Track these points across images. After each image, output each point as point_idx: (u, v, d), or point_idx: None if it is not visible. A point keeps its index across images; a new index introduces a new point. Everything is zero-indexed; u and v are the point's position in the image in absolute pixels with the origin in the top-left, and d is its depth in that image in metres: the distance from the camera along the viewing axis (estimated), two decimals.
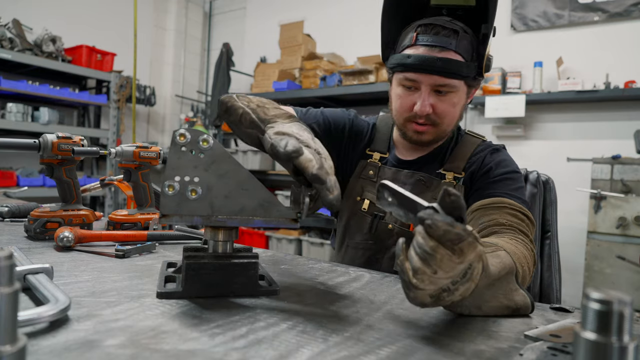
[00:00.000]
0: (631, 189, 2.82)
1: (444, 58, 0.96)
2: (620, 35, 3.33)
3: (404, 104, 1.05)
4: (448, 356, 0.48)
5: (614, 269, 2.78)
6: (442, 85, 1.00)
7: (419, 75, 1.00)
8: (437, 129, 1.06)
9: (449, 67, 0.97)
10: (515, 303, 0.63)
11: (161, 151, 1.24)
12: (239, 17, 5.58)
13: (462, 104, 1.06)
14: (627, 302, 0.30)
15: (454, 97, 1.02)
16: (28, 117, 3.86)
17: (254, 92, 4.66)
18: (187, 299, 0.62)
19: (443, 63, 0.96)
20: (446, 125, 1.06)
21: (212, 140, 0.63)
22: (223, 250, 0.67)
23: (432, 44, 0.97)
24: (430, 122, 1.04)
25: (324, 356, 0.46)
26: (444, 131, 1.08)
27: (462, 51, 0.98)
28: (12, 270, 0.30)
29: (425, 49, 0.98)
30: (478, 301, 0.60)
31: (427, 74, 0.98)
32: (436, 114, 1.03)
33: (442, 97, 1.02)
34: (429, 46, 0.98)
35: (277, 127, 0.70)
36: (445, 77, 0.98)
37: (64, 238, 0.93)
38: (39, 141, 1.05)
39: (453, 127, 1.10)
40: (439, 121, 1.04)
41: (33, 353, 0.42)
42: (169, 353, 0.44)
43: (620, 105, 3.31)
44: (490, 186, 1.03)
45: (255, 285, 0.67)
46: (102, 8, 4.79)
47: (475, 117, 3.91)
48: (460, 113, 1.09)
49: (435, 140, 1.11)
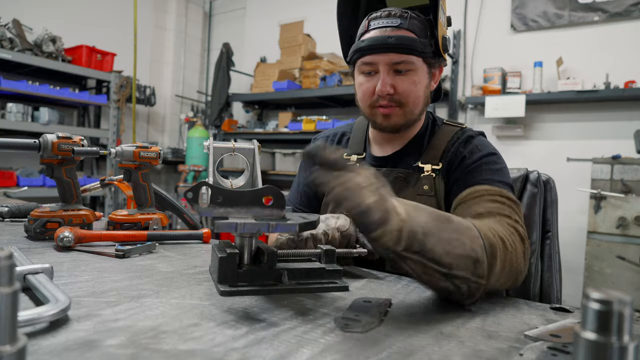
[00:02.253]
0: (631, 189, 2.82)
1: (397, 35, 0.99)
2: (620, 35, 3.33)
3: (366, 90, 1.06)
4: (448, 356, 0.48)
5: (614, 269, 2.78)
6: (399, 63, 1.00)
7: (374, 57, 1.01)
8: (404, 110, 1.04)
9: (402, 42, 0.98)
10: (475, 254, 0.66)
11: (161, 151, 1.24)
12: (239, 17, 5.58)
13: (425, 83, 1.06)
14: (627, 302, 0.30)
15: (414, 75, 1.02)
16: (28, 117, 3.86)
17: (254, 92, 4.67)
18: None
19: (396, 40, 0.98)
20: (412, 106, 1.04)
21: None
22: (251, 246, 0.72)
23: (384, 25, 1.00)
24: (395, 102, 1.04)
25: (324, 356, 0.46)
26: (411, 112, 1.05)
27: (414, 29, 1.00)
28: (12, 270, 0.30)
29: (378, 30, 1.01)
30: (440, 246, 0.63)
31: (382, 54, 1.00)
32: (399, 93, 1.02)
33: (402, 76, 1.02)
34: (381, 28, 1.01)
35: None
36: (401, 54, 0.99)
37: (64, 238, 0.93)
38: (39, 141, 1.05)
39: (421, 109, 1.07)
40: (403, 100, 1.03)
41: (33, 353, 0.42)
42: (169, 353, 0.44)
43: (620, 105, 3.31)
44: (467, 176, 1.00)
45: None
46: (102, 8, 4.79)
47: (475, 117, 3.91)
48: (426, 94, 1.07)
49: (407, 125, 1.08)
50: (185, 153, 4.96)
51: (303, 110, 4.71)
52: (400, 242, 0.60)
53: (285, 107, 4.82)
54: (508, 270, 0.74)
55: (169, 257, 0.93)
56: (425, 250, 0.62)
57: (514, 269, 0.76)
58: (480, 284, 0.66)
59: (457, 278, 0.64)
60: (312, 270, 0.72)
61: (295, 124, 4.25)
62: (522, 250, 0.80)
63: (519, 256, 0.78)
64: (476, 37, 3.94)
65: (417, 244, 0.61)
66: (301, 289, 0.68)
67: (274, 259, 0.69)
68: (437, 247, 0.63)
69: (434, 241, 0.62)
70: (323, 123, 4.06)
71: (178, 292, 0.67)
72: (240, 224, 0.59)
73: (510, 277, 0.76)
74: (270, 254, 0.69)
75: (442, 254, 0.63)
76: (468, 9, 3.97)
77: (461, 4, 3.99)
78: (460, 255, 0.65)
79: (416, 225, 0.61)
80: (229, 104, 4.97)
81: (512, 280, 0.78)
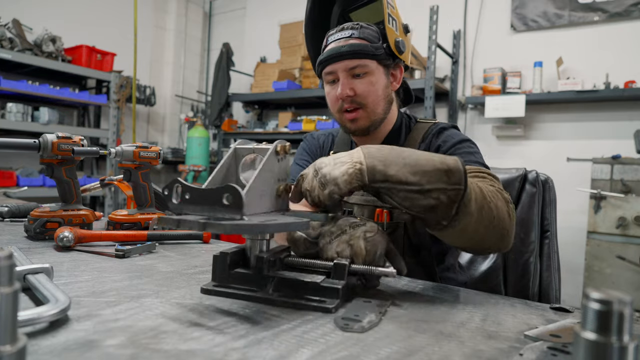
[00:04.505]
0: (631, 189, 2.82)
1: (349, 44, 1.09)
2: (620, 35, 3.33)
3: (331, 98, 1.15)
4: (448, 356, 0.48)
5: (614, 269, 2.78)
6: (354, 68, 1.10)
7: (332, 66, 1.11)
8: (366, 111, 1.12)
9: (354, 49, 1.08)
10: (447, 165, 0.70)
11: (161, 151, 1.24)
12: (239, 17, 5.58)
13: (383, 83, 1.13)
14: (627, 302, 0.30)
15: (371, 77, 1.11)
16: (28, 117, 3.86)
17: (254, 92, 4.67)
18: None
19: (349, 47, 1.09)
20: (373, 105, 1.12)
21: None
22: (260, 248, 0.68)
23: (337, 38, 1.12)
24: (357, 104, 1.11)
25: (324, 356, 0.46)
26: (374, 112, 1.13)
27: (365, 36, 1.10)
28: (12, 270, 0.30)
29: (333, 43, 1.12)
30: (405, 169, 0.69)
31: (338, 62, 1.10)
32: (358, 95, 1.11)
33: (360, 79, 1.11)
34: (335, 40, 1.12)
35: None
36: (354, 59, 1.09)
37: (64, 238, 0.93)
38: (39, 141, 1.05)
39: (383, 107, 1.14)
40: (363, 101, 1.11)
41: (33, 353, 0.42)
42: (169, 353, 0.44)
43: (620, 105, 3.31)
44: None
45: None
46: (102, 8, 4.79)
47: (475, 117, 3.91)
48: (387, 93, 1.14)
49: (374, 125, 1.14)
50: (185, 153, 4.96)
51: (303, 110, 4.71)
52: (365, 178, 0.69)
53: (285, 107, 4.82)
54: (487, 219, 0.75)
55: (169, 257, 0.93)
56: (389, 176, 0.69)
57: (496, 222, 0.77)
58: (459, 190, 0.69)
59: (433, 191, 0.69)
60: (303, 284, 0.64)
61: (295, 124, 4.25)
62: (506, 211, 0.81)
63: (502, 212, 0.79)
64: (476, 37, 3.93)
65: (379, 174, 0.69)
66: (279, 302, 0.63)
67: (262, 265, 0.65)
68: (401, 171, 0.69)
69: (396, 168, 0.69)
70: (323, 123, 4.06)
71: (178, 292, 0.67)
72: (183, 220, 0.56)
73: (490, 228, 0.77)
74: (259, 259, 0.66)
75: (407, 175, 0.69)
76: (468, 9, 3.97)
77: (461, 4, 3.99)
78: (428, 171, 0.69)
79: (375, 160, 0.70)
80: (229, 104, 4.97)
81: (496, 237, 0.79)
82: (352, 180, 0.70)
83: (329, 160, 0.73)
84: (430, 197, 0.69)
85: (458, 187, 0.69)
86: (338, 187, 0.70)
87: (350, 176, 0.70)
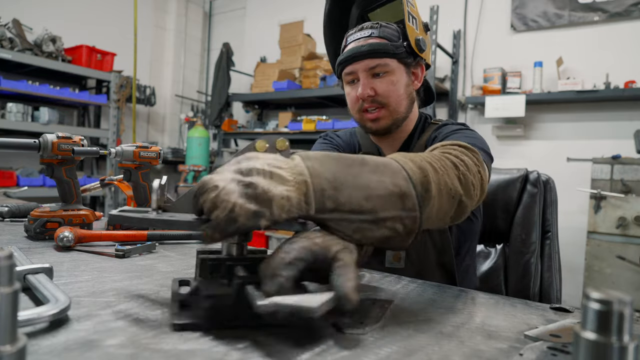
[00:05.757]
0: (631, 189, 2.82)
1: (369, 43, 1.08)
2: (620, 35, 3.33)
3: (352, 98, 1.13)
4: (448, 356, 0.48)
5: (614, 269, 2.78)
6: (374, 67, 1.08)
7: (352, 66, 1.10)
8: (388, 110, 1.10)
9: (374, 48, 1.07)
10: (399, 187, 0.57)
11: (161, 151, 1.24)
12: (239, 17, 5.58)
13: (404, 82, 1.11)
14: (627, 302, 0.30)
15: (392, 76, 1.09)
16: (28, 117, 3.86)
17: (254, 92, 4.67)
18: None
19: (369, 47, 1.07)
20: (395, 105, 1.10)
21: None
22: (238, 252, 0.57)
23: (358, 37, 1.10)
24: (378, 104, 1.10)
25: (323, 356, 0.46)
26: (396, 111, 1.11)
27: (385, 35, 1.08)
28: (12, 270, 0.30)
29: (353, 43, 1.11)
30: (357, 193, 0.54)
31: (358, 61, 1.09)
32: (379, 94, 1.09)
33: (381, 78, 1.09)
34: (355, 40, 1.11)
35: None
36: (374, 58, 1.07)
37: (64, 238, 0.93)
38: (39, 141, 1.05)
39: (405, 107, 1.12)
40: (385, 101, 1.09)
41: (33, 353, 0.42)
42: (169, 353, 0.44)
43: (620, 105, 3.31)
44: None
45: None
46: (102, 8, 4.79)
47: (476, 117, 3.91)
48: (408, 92, 1.13)
49: (395, 124, 1.12)
50: (185, 153, 4.96)
51: (303, 110, 4.71)
52: (310, 206, 0.52)
53: (285, 107, 4.83)
54: (446, 193, 0.65)
55: (169, 257, 0.93)
56: (341, 204, 0.53)
57: (452, 190, 0.67)
58: (415, 217, 0.58)
59: (387, 220, 0.56)
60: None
61: (295, 124, 4.25)
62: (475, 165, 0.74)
63: (452, 177, 0.68)
64: (476, 37, 3.94)
65: (329, 201, 0.53)
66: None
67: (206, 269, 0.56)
68: (354, 196, 0.54)
69: (348, 191, 0.54)
70: (323, 123, 4.06)
71: None
72: (136, 218, 0.55)
73: (451, 198, 0.66)
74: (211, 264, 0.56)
75: (361, 200, 0.54)
76: (468, 9, 3.97)
77: (461, 4, 3.99)
78: (382, 196, 0.56)
79: (323, 181, 0.53)
80: (229, 103, 4.97)
81: (456, 204, 0.68)
82: (292, 209, 0.50)
83: (261, 164, 0.52)
84: (385, 226, 0.56)
85: (413, 214, 0.58)
86: (270, 212, 0.49)
87: (291, 202, 0.50)
